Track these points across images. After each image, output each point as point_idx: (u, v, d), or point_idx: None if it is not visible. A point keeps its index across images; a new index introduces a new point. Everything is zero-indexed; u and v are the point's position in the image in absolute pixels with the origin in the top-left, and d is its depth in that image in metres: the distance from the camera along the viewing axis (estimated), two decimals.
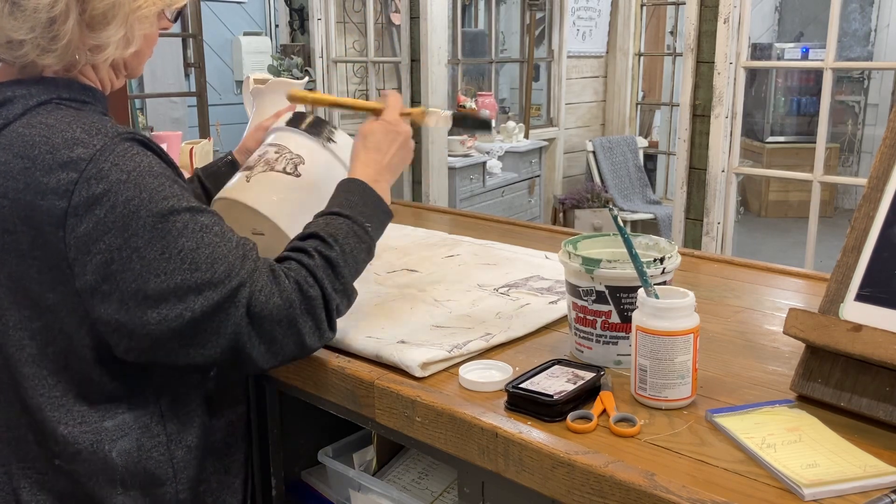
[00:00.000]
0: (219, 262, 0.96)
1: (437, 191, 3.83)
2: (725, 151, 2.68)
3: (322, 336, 1.04)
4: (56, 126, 0.96)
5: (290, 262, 1.04)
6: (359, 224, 1.11)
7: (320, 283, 1.03)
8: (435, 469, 1.29)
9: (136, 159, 0.95)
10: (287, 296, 0.99)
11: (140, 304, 0.93)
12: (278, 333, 0.99)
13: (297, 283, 1.01)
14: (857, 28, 7.27)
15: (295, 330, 1.00)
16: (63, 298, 0.96)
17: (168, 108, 5.51)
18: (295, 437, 1.34)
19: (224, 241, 0.98)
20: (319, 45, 4.26)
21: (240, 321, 0.96)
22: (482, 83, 5.85)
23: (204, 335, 0.96)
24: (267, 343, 0.99)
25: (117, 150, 0.94)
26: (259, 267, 0.99)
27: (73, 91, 1.02)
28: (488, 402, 0.99)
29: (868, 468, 0.81)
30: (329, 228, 1.08)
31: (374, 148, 1.21)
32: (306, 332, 1.01)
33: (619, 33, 6.06)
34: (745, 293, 1.41)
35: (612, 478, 0.82)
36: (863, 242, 0.96)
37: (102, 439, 1.01)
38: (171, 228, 0.94)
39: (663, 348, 0.94)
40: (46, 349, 0.98)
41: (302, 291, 1.01)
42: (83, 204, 0.92)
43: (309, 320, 1.01)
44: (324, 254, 1.05)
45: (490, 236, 1.76)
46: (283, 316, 0.99)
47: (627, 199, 5.75)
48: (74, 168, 0.92)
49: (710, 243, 2.74)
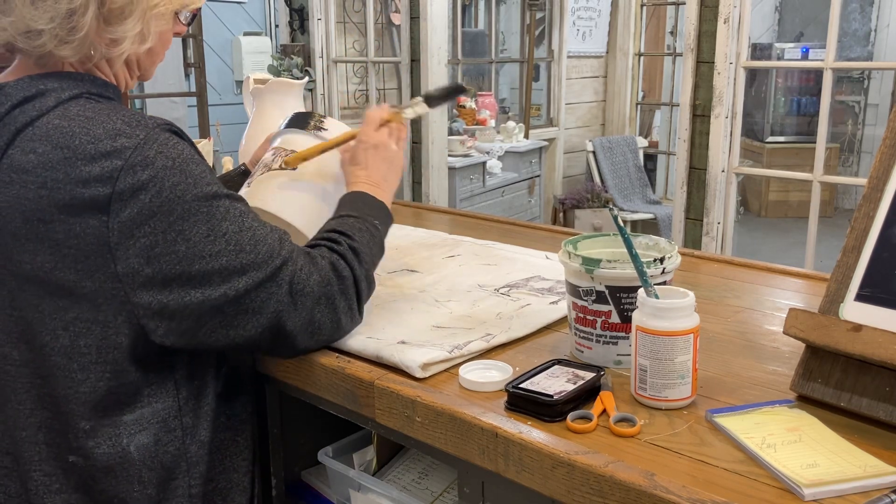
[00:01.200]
0: (261, 244, 1.01)
1: (437, 191, 3.83)
2: (725, 151, 2.68)
3: (353, 317, 1.10)
4: (95, 118, 0.98)
5: (321, 249, 1.09)
6: (368, 221, 1.17)
7: (351, 265, 1.08)
8: (435, 469, 1.29)
9: (179, 148, 0.99)
10: (325, 274, 1.04)
11: (184, 284, 0.97)
12: (317, 312, 1.04)
13: (331, 263, 1.06)
14: (857, 28, 7.27)
15: (332, 308, 1.05)
16: (101, 286, 0.97)
17: (168, 108, 5.51)
18: (295, 437, 1.34)
19: (262, 225, 1.03)
20: (319, 45, 4.26)
21: (282, 298, 1.01)
22: (482, 83, 5.85)
23: (246, 315, 1.00)
24: (307, 321, 1.04)
25: (160, 139, 0.98)
26: (296, 248, 1.05)
27: (99, 87, 1.05)
28: (488, 402, 0.99)
29: (868, 468, 0.81)
30: (343, 226, 1.14)
31: (360, 167, 1.25)
32: (342, 312, 1.07)
33: (619, 33, 6.07)
34: (745, 293, 1.41)
35: (612, 478, 0.82)
36: (863, 242, 0.96)
37: (121, 433, 1.03)
38: (215, 212, 0.98)
39: (663, 348, 0.94)
40: (78, 341, 0.99)
41: (337, 271, 1.06)
42: (128, 189, 0.94)
43: (344, 300, 1.07)
44: (348, 242, 1.11)
45: (490, 236, 1.76)
46: (323, 293, 1.04)
47: (627, 199, 5.75)
48: (119, 156, 0.95)
49: (710, 243, 2.74)
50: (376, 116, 1.29)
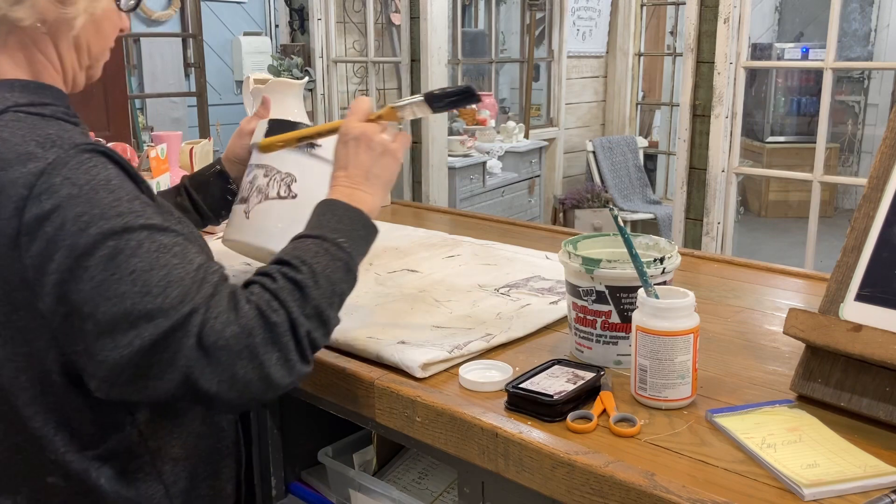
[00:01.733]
0: (173, 286, 0.86)
1: (437, 191, 3.83)
2: (725, 151, 2.68)
3: (292, 368, 0.90)
4: (10, 140, 0.89)
5: (254, 287, 0.92)
6: (329, 241, 1.00)
7: (286, 306, 0.90)
8: (435, 469, 1.29)
9: (92, 172, 0.88)
10: (246, 323, 0.87)
11: (93, 328, 0.86)
12: (239, 368, 0.87)
13: (258, 308, 0.89)
14: (857, 28, 7.27)
15: (257, 363, 0.87)
16: (30, 321, 0.90)
17: (168, 108, 5.51)
18: (295, 437, 1.34)
19: (183, 262, 0.89)
20: (319, 45, 4.26)
21: (190, 352, 0.85)
22: (482, 83, 5.85)
23: (158, 367, 0.86)
24: (227, 378, 0.87)
25: (71, 164, 0.88)
26: (220, 292, 0.89)
27: (31, 93, 0.97)
28: (488, 402, 0.99)
29: (868, 468, 0.81)
30: (294, 252, 0.97)
31: (339, 167, 1.11)
32: (271, 365, 0.88)
33: (619, 33, 6.06)
34: (745, 293, 1.41)
35: (612, 478, 0.82)
36: (863, 242, 0.96)
37: (88, 468, 0.97)
38: (123, 248, 0.86)
39: (663, 348, 0.94)
40: (20, 376, 0.93)
41: (264, 317, 0.88)
42: (33, 221, 0.86)
43: (274, 351, 0.88)
44: (289, 276, 0.93)
45: (490, 236, 1.76)
46: (244, 346, 0.87)
47: (627, 199, 5.74)
48: (25, 185, 0.86)
49: (710, 243, 2.74)
50: (364, 107, 1.13)
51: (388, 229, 1.79)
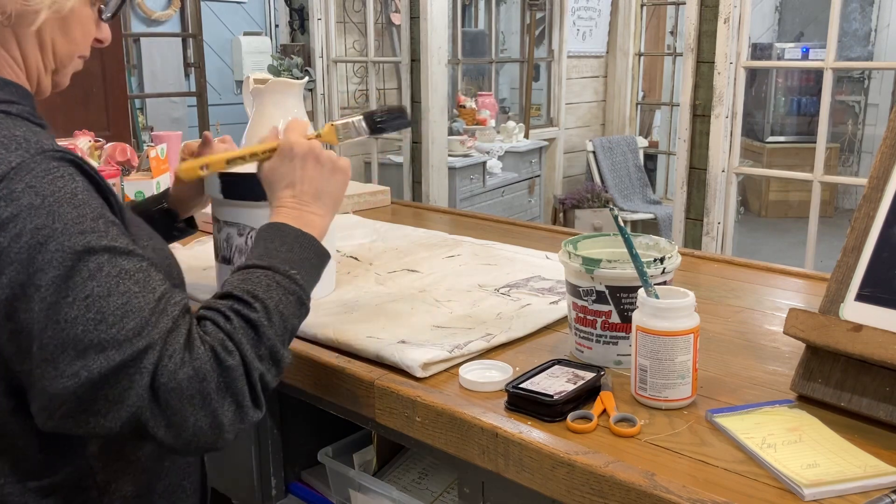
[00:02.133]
0: (130, 316, 0.79)
1: (437, 191, 3.83)
2: (725, 151, 2.68)
3: (244, 416, 0.84)
4: None
5: (207, 325, 0.86)
6: (282, 273, 0.93)
7: (241, 348, 0.85)
8: (435, 469, 1.29)
9: (58, 183, 0.81)
10: (200, 366, 0.81)
11: (38, 352, 0.79)
12: (189, 413, 0.81)
13: (212, 350, 0.83)
14: (857, 28, 7.27)
15: (209, 410, 0.81)
16: None
17: (168, 108, 5.51)
18: (295, 437, 1.34)
19: (144, 290, 0.82)
20: (319, 45, 4.26)
21: (141, 392, 0.79)
22: (482, 83, 5.85)
23: (104, 403, 0.79)
24: (176, 423, 0.80)
25: (36, 171, 0.81)
26: (178, 327, 0.82)
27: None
28: (488, 402, 0.99)
29: (868, 468, 0.81)
30: (245, 285, 0.90)
31: (284, 185, 1.04)
32: (223, 412, 0.82)
33: (619, 33, 6.06)
34: (745, 293, 1.41)
35: (613, 478, 0.82)
36: (863, 242, 0.96)
37: (28, 501, 0.89)
38: (81, 268, 0.79)
39: (663, 348, 0.94)
40: None
41: (218, 360, 0.83)
42: None
43: (227, 397, 0.83)
44: (242, 314, 0.87)
45: (490, 236, 1.76)
46: (195, 391, 0.81)
47: (627, 199, 5.75)
48: None
49: (711, 243, 2.74)
50: (301, 126, 1.08)
51: (388, 229, 1.79)
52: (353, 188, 2.18)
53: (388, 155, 4.49)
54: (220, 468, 1.43)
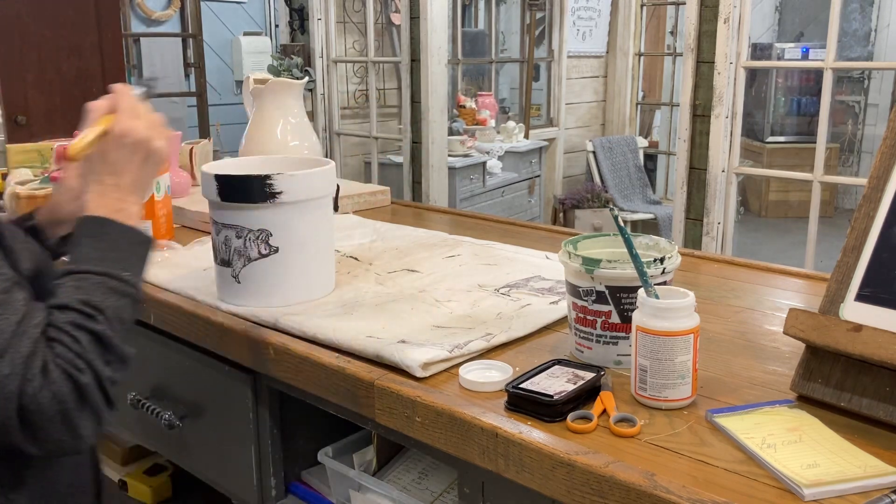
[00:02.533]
0: None
1: (437, 191, 3.83)
2: (725, 151, 2.68)
3: (101, 420, 0.89)
4: None
5: (56, 346, 0.87)
6: (115, 277, 0.94)
7: (92, 365, 0.88)
8: (435, 469, 1.29)
9: None
10: (57, 390, 0.84)
11: None
12: (52, 431, 0.85)
13: (66, 373, 0.86)
14: (857, 28, 7.27)
15: (71, 426, 0.86)
16: None
17: (168, 108, 5.50)
18: (295, 437, 1.34)
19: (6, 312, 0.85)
20: (319, 45, 4.26)
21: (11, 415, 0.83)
22: (482, 83, 5.85)
23: None
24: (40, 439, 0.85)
25: None
26: (37, 351, 0.85)
27: None
28: (488, 402, 0.99)
29: (868, 468, 0.81)
30: (82, 294, 0.91)
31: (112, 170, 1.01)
32: (83, 426, 0.87)
33: (619, 33, 6.07)
34: (745, 293, 1.41)
35: (613, 478, 0.82)
36: (863, 242, 0.96)
37: None
38: None
39: (663, 348, 0.94)
40: None
41: (73, 381, 0.86)
42: None
43: (85, 410, 0.87)
44: (86, 328, 0.89)
45: (490, 236, 1.76)
46: (56, 411, 0.84)
47: (627, 199, 5.75)
48: None
49: (711, 243, 2.74)
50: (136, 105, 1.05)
51: (388, 229, 1.79)
52: (354, 188, 2.18)
53: (388, 155, 4.49)
54: (221, 468, 1.43)
